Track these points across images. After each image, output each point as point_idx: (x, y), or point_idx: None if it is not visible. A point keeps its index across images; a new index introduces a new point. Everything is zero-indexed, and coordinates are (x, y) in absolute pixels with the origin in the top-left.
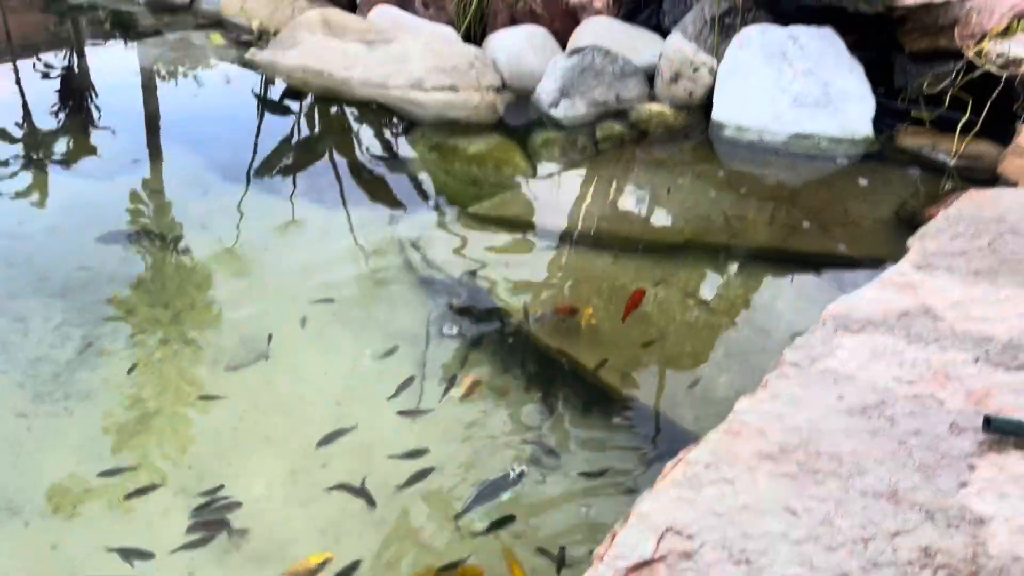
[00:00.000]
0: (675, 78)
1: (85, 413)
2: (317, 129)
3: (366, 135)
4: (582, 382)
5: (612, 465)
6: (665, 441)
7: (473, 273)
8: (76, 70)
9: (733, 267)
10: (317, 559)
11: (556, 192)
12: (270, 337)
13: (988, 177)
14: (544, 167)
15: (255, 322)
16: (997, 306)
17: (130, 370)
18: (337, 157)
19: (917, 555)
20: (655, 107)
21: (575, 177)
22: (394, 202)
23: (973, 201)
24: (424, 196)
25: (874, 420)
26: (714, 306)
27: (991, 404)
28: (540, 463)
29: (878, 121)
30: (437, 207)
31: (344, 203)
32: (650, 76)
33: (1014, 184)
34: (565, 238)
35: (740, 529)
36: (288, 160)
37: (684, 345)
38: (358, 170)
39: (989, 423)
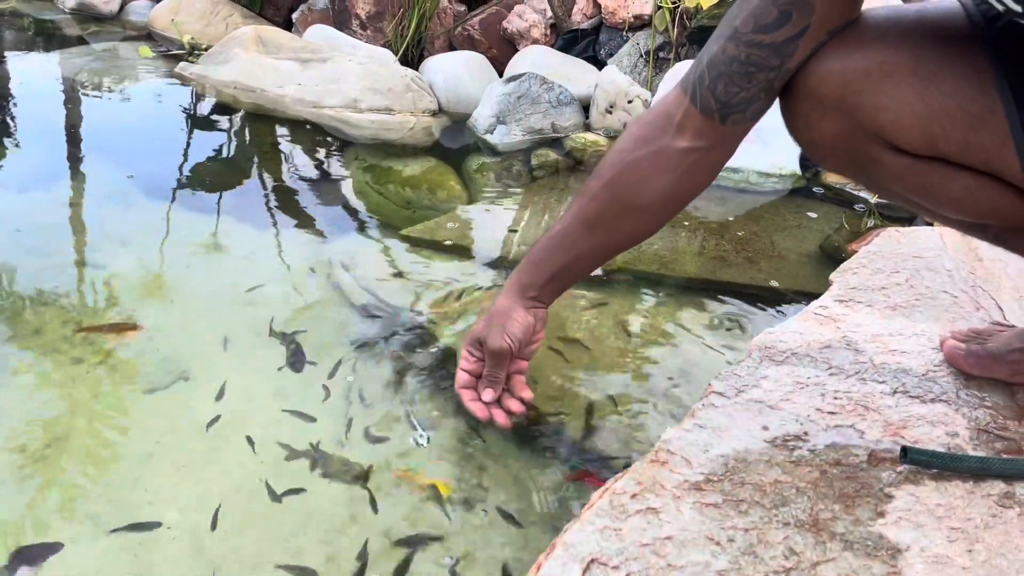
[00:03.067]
0: (610, 108)
1: None
2: (248, 146)
3: (298, 154)
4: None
5: (534, 496)
6: (593, 469)
7: (404, 296)
8: None
9: (663, 296)
10: None
11: (490, 217)
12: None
13: (906, 215)
14: (479, 192)
15: (174, 343)
16: (914, 339)
17: (37, 390)
18: (267, 175)
19: None
20: (590, 136)
21: (509, 203)
22: (325, 222)
23: (892, 238)
24: (356, 217)
25: (797, 450)
26: (644, 335)
27: (908, 435)
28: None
29: (804, 157)
30: (369, 229)
31: (273, 222)
32: (586, 106)
33: (930, 224)
34: (499, 264)
35: (665, 560)
36: (216, 177)
37: (613, 373)
38: (288, 189)
39: (906, 454)
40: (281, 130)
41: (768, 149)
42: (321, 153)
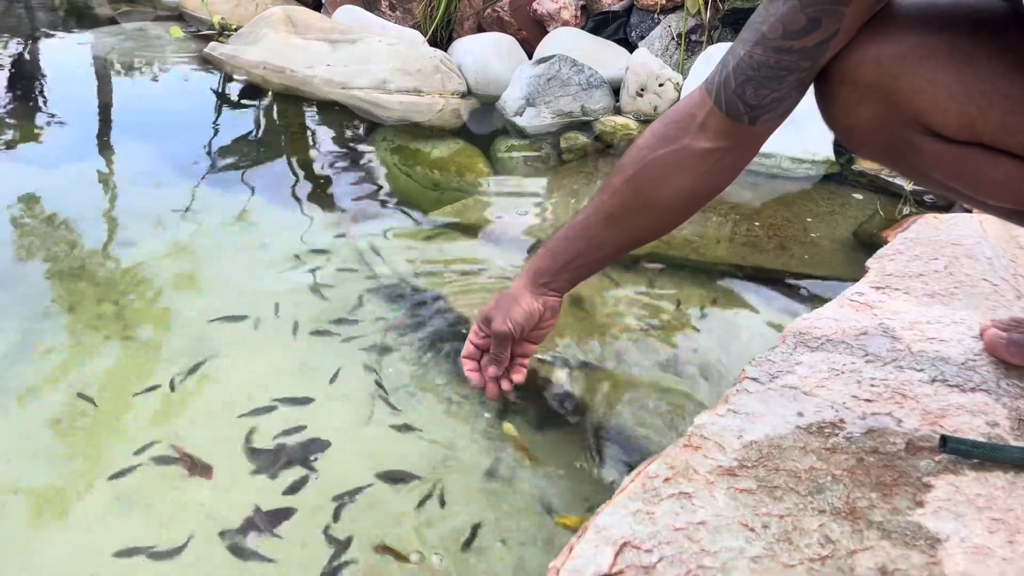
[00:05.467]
0: (640, 92)
1: (19, 410)
2: (276, 127)
3: (326, 135)
4: (537, 395)
5: (571, 476)
6: (623, 454)
7: (430, 278)
8: (26, 59)
9: (694, 282)
10: None
11: (518, 200)
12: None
13: (943, 203)
14: (507, 175)
15: (203, 321)
16: (953, 327)
17: (70, 366)
18: (295, 156)
19: (875, 574)
20: (620, 120)
21: (538, 186)
22: (353, 204)
23: (930, 225)
24: (384, 199)
25: (832, 438)
26: (674, 320)
27: (947, 424)
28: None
29: (839, 143)
30: (397, 210)
31: (301, 203)
32: (616, 89)
33: (968, 210)
34: (525, 247)
35: (699, 544)
36: (245, 157)
37: (643, 359)
38: (316, 170)
39: (945, 443)
40: (310, 111)
41: (801, 134)
42: (349, 134)
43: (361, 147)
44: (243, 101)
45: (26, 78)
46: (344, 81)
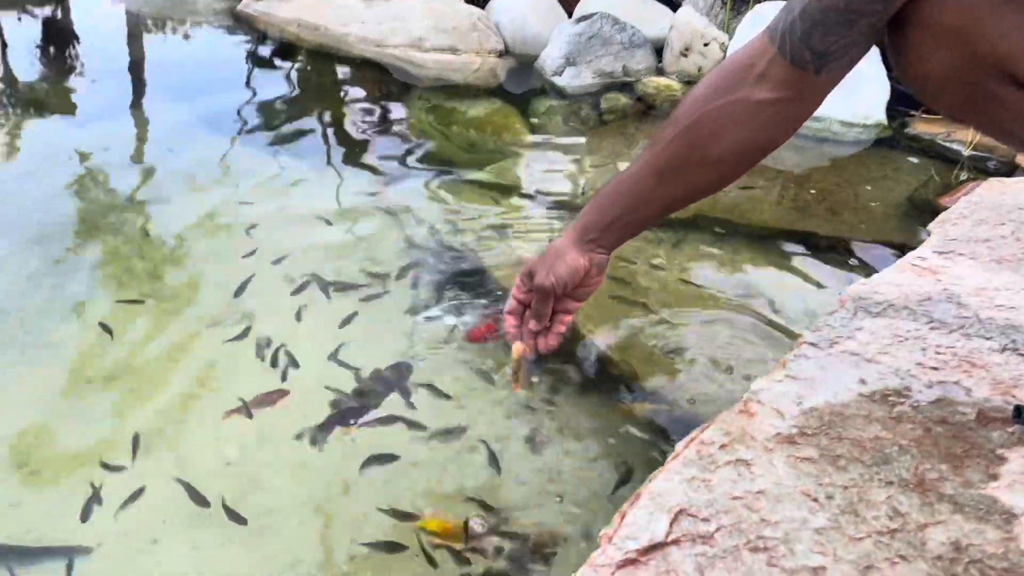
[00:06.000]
0: (685, 52)
1: (51, 364)
2: (310, 85)
3: (360, 94)
4: (578, 362)
5: (613, 444)
6: (673, 420)
7: (466, 240)
8: (59, 18)
9: (740, 245)
10: None
11: (557, 161)
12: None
13: (1004, 169)
14: (545, 135)
15: (235, 281)
16: (1022, 295)
17: (102, 325)
18: (329, 116)
19: (947, 549)
20: (663, 81)
21: (577, 147)
22: (387, 164)
23: (995, 189)
24: (419, 159)
25: (898, 406)
26: (720, 283)
27: (1020, 395)
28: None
29: (892, 107)
30: (432, 170)
31: (334, 163)
32: (659, 49)
33: None
34: (564, 208)
35: (758, 514)
36: (278, 117)
37: (691, 323)
38: (350, 130)
39: (1020, 414)
40: (344, 69)
41: (852, 97)
42: (384, 93)
43: (396, 106)
44: (276, 59)
45: (59, 36)
46: (379, 39)
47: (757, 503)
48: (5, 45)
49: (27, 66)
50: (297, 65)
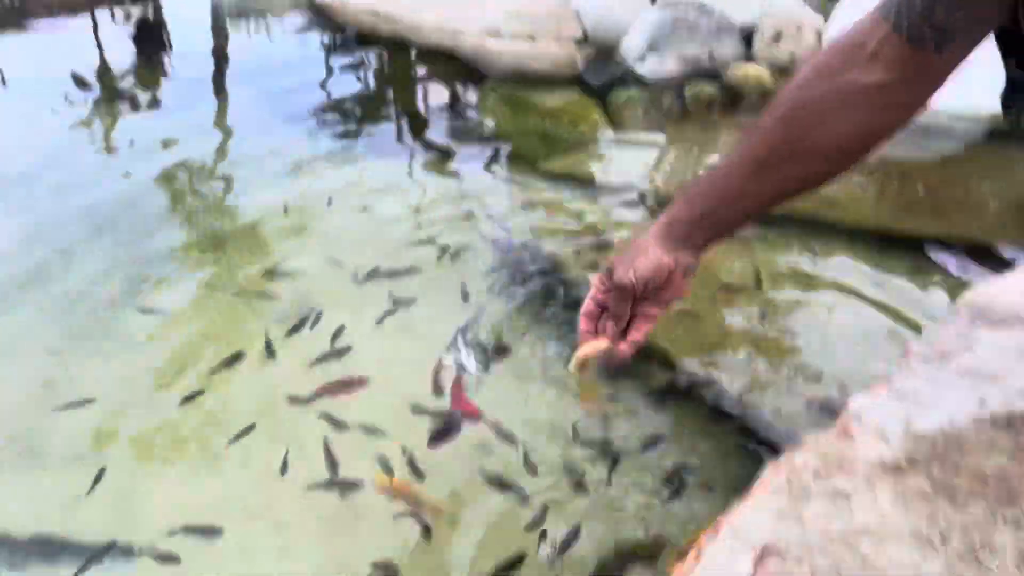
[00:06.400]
0: (776, 38)
1: (124, 354)
2: (385, 76)
3: (435, 84)
4: (657, 367)
5: (691, 465)
6: (761, 440)
7: (539, 234)
8: (152, 12)
9: (836, 244)
10: None
11: (636, 153)
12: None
13: None
14: (625, 126)
15: (308, 272)
16: None
17: (173, 316)
18: (403, 106)
19: None
20: (752, 69)
21: (658, 138)
22: (459, 154)
23: None
24: (493, 149)
25: None
26: (812, 286)
27: None
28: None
29: (1008, 97)
30: (505, 161)
31: (407, 153)
32: (748, 35)
33: None
34: (643, 202)
35: (861, 557)
36: (352, 106)
37: (779, 327)
38: (424, 120)
39: None
40: (419, 59)
41: (962, 86)
42: (459, 83)
43: (469, 96)
44: (352, 50)
45: (151, 32)
46: (455, 28)
47: (859, 542)
48: (101, 45)
49: (120, 59)
50: (373, 55)
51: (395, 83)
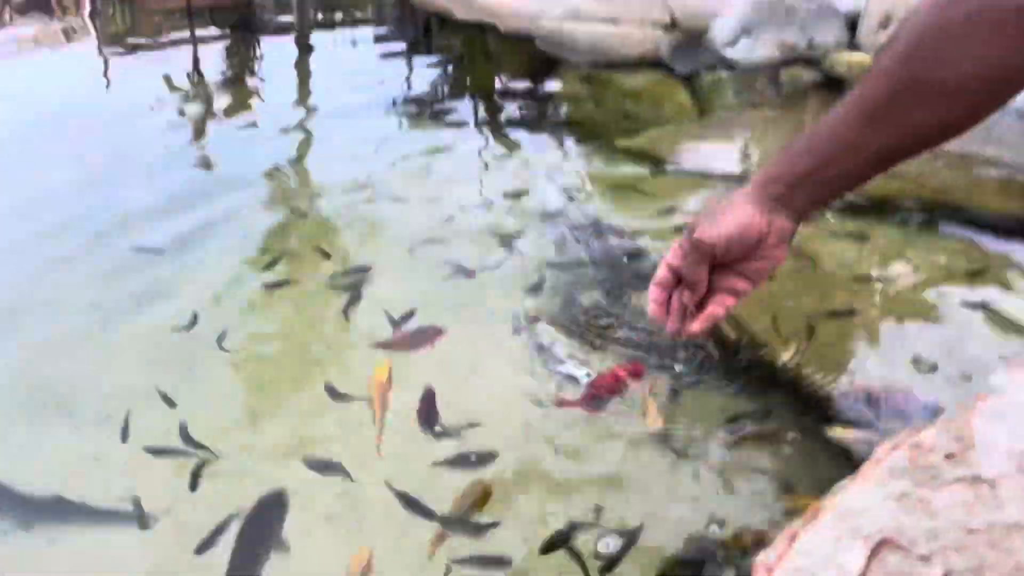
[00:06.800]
0: (885, 23)
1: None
2: (463, 59)
3: (513, 67)
4: (747, 348)
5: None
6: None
7: (614, 214)
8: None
9: (950, 234)
10: None
11: (723, 135)
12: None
13: None
14: (712, 110)
15: (385, 251)
16: None
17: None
18: (481, 88)
19: None
20: (855, 56)
21: (748, 122)
22: (537, 135)
23: None
24: (569, 129)
25: None
26: (929, 272)
27: None
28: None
29: None
30: (582, 141)
31: (484, 135)
32: (852, 20)
33: None
34: (729, 183)
35: (1012, 557)
36: (431, 90)
37: (899, 311)
38: (502, 102)
39: None
40: (497, 42)
41: None
42: (538, 66)
43: (550, 77)
44: (429, 32)
45: (244, 26)
46: (533, 11)
47: (1008, 541)
48: (197, 54)
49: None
50: (450, 39)
51: (472, 65)
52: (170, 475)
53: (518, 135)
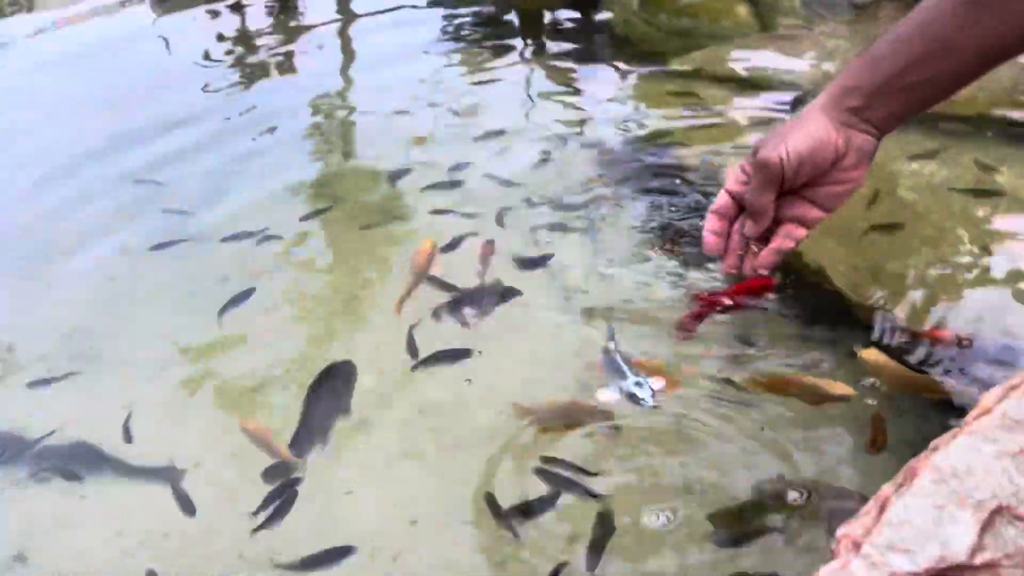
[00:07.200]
0: None
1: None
2: None
3: None
4: (817, 285)
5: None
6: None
7: (667, 139)
8: None
9: None
10: None
11: (787, 50)
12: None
13: None
14: (777, 22)
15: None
16: None
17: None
18: (528, 9)
19: None
20: None
21: (814, 36)
22: (583, 57)
23: None
24: (619, 49)
25: None
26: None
27: None
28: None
29: None
30: (634, 61)
31: (529, 61)
32: None
33: None
34: (796, 106)
35: None
36: (480, 19)
37: (974, 260)
38: (548, 23)
39: None
40: None
41: None
42: None
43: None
44: None
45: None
46: None
47: None
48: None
49: (260, 28)
50: None
51: None
52: None
53: (569, 61)
